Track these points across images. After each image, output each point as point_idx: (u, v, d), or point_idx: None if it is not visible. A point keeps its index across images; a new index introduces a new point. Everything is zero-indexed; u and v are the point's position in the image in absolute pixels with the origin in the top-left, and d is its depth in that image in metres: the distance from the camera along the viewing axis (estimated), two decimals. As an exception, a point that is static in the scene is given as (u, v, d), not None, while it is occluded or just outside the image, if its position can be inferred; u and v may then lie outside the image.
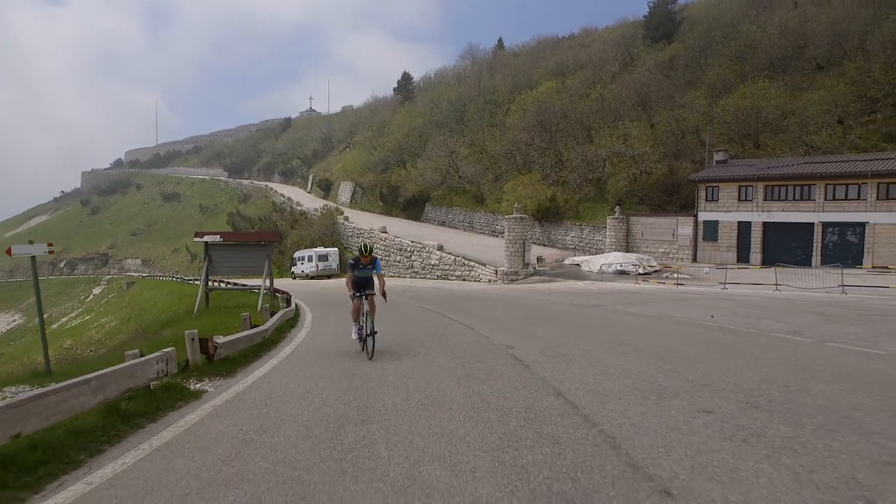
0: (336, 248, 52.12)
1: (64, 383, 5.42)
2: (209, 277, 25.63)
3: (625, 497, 3.91)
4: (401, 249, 47.15)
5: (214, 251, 22.89)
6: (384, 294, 10.85)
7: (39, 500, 4.16)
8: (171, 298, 51.31)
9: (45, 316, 13.75)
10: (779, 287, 24.08)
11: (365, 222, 55.81)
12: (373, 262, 10.78)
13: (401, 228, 52.02)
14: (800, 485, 4.05)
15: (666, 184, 43.90)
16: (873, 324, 12.88)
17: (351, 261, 10.94)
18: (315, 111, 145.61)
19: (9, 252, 10.54)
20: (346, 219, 57.67)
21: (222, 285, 35.85)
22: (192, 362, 8.44)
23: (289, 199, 78.24)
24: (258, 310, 20.11)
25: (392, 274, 46.35)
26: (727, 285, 25.84)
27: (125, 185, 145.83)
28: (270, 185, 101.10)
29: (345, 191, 76.39)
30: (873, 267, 30.99)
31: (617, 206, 42.22)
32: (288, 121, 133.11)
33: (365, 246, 10.84)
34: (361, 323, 10.64)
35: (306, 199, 78.87)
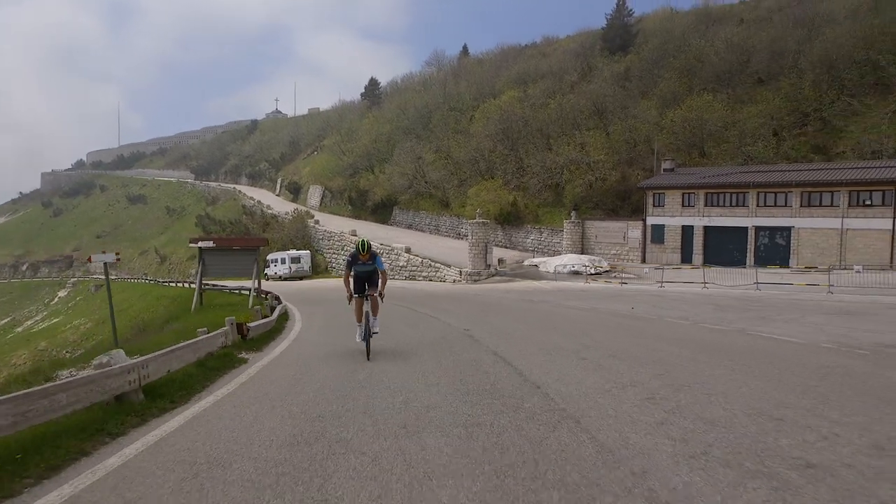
0: (308, 251, 55.10)
1: (182, 344, 8.62)
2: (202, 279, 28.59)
3: (515, 388, 7.21)
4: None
5: (208, 255, 25.89)
6: (382, 295, 10.51)
7: (196, 400, 7.42)
8: (148, 300, 53.66)
9: (7, 320, 16.77)
10: (707, 285, 27.95)
11: (335, 226, 58.92)
12: (373, 259, 10.48)
13: (370, 231, 55.22)
14: (607, 382, 7.46)
15: (619, 190, 47.84)
16: (746, 312, 16.60)
17: (348, 258, 10.65)
18: (281, 113, 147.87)
19: (89, 259, 13.59)
20: (317, 222, 60.70)
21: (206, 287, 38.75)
22: (232, 340, 11.62)
23: (258, 202, 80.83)
24: (249, 307, 23.28)
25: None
26: (664, 283, 29.69)
27: (89, 186, 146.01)
28: (238, 187, 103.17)
29: (314, 194, 79.31)
30: (803, 266, 35.09)
31: (573, 211, 46.00)
32: (255, 123, 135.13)
33: (363, 243, 10.44)
34: (365, 324, 10.29)
35: (275, 203, 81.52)
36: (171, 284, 57.18)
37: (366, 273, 10.54)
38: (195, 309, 24.47)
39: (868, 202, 34.60)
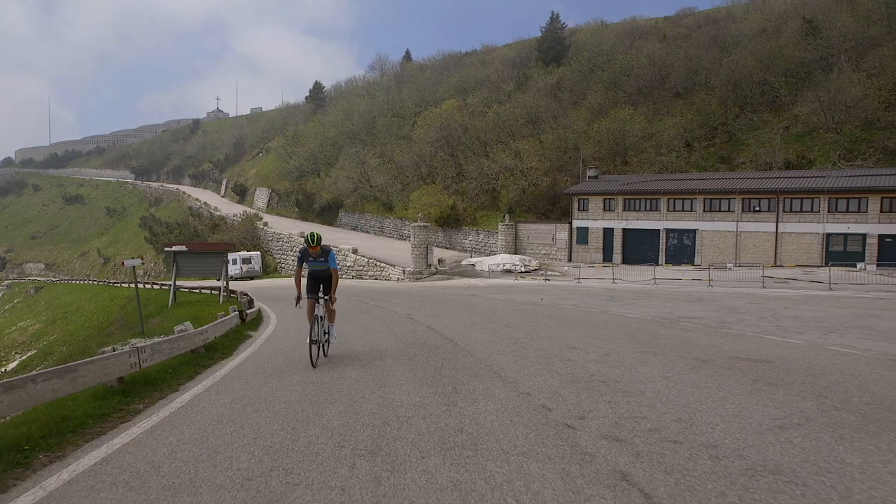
0: (258, 252, 58.91)
1: (217, 322, 13.07)
2: (169, 280, 32.49)
3: (438, 342, 11.87)
4: (319, 253, 54.57)
5: (181, 258, 29.83)
6: (333, 299, 10.12)
7: (236, 354, 11.92)
8: (102, 300, 56.34)
9: None
10: (615, 281, 33.36)
11: (284, 228, 62.87)
12: (325, 254, 9.89)
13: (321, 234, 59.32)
14: (494, 337, 12.23)
15: (549, 195, 53.27)
16: (626, 300, 21.83)
17: (299, 253, 9.96)
18: (223, 112, 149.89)
19: (122, 264, 17.66)
20: (266, 224, 64.51)
21: (163, 286, 42.49)
22: (236, 323, 16.04)
23: (205, 203, 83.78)
24: (220, 303, 27.51)
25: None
26: (581, 280, 35.02)
27: (20, 185, 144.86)
28: (182, 188, 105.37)
29: (261, 196, 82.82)
30: (705, 264, 40.87)
31: (507, 214, 51.18)
32: (197, 123, 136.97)
33: (312, 234, 9.80)
34: (317, 326, 9.79)
35: (222, 204, 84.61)
36: (123, 285, 59.91)
37: (320, 272, 10.04)
38: (171, 305, 28.44)
39: (757, 208, 40.74)
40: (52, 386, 6.16)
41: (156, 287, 42.56)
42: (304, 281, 10.15)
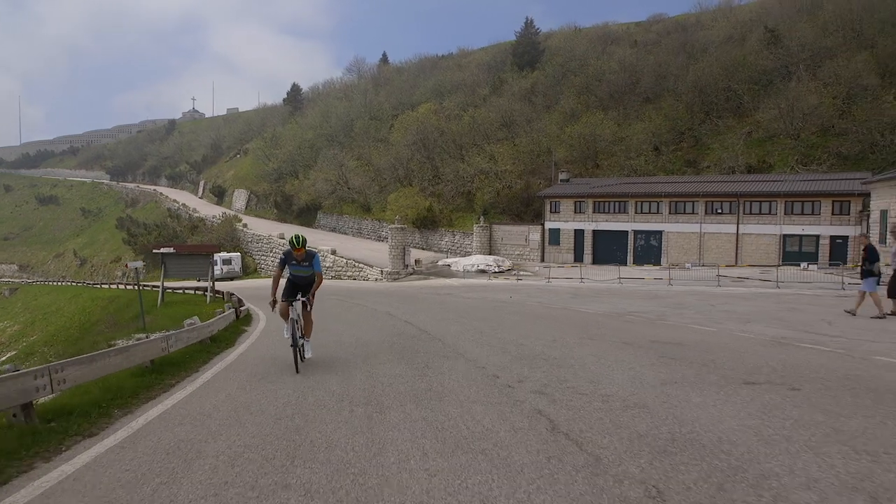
0: (238, 253, 60.45)
1: (215, 318, 14.92)
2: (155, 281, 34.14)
3: (414, 332, 13.85)
4: (298, 254, 56.34)
5: (168, 260, 31.50)
6: (311, 301, 9.58)
7: (237, 345, 13.80)
8: (83, 301, 57.45)
9: None
10: (583, 280, 35.55)
11: (263, 229, 64.48)
12: (310, 259, 9.40)
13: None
14: (463, 329, 14.23)
15: (523, 197, 55.46)
16: (587, 298, 23.98)
17: (282, 255, 9.55)
18: (199, 112, 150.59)
19: (126, 266, 19.39)
20: (245, 226, 66.06)
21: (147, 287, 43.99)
22: (233, 319, 17.88)
23: (183, 205, 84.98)
24: (207, 302, 29.25)
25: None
26: (551, 279, 37.18)
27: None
28: (159, 189, 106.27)
29: (239, 198, 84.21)
30: (670, 264, 43.28)
31: (482, 216, 53.28)
32: (172, 123, 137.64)
33: (297, 237, 9.29)
34: (292, 328, 9.30)
35: (200, 205, 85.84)
36: (104, 286, 61.04)
37: (302, 278, 9.52)
38: (161, 304, 30.12)
39: (720, 211, 43.23)
40: (115, 361, 8.07)
41: (145, 288, 43.83)
42: (282, 282, 9.79)
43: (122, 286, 55.78)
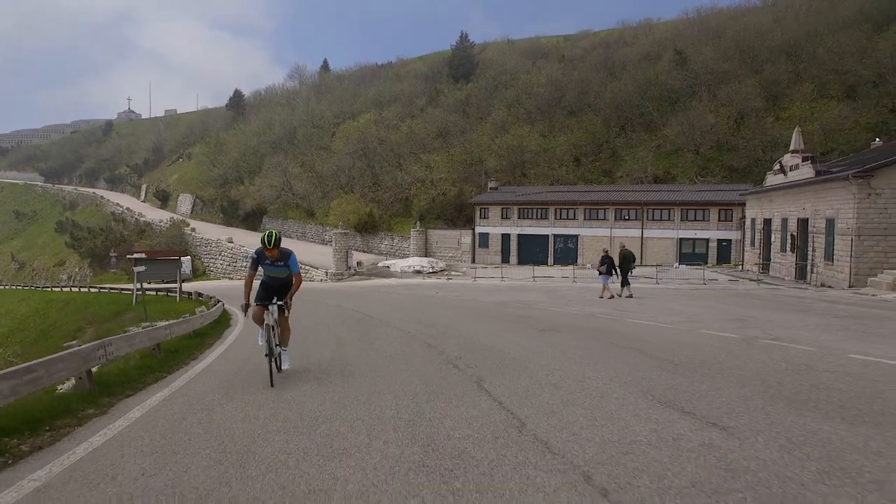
0: (188, 257, 64.97)
1: (209, 311, 20.46)
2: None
3: (360, 317, 19.75)
4: (247, 257, 61.34)
5: (139, 263, 36.56)
6: (289, 305, 9.08)
7: (227, 335, 19.46)
8: (34, 303, 60.92)
9: None
10: (503, 278, 41.95)
11: (212, 233, 69.11)
12: (285, 258, 8.70)
13: (244, 239, 65.99)
14: (398, 314, 20.19)
15: (456, 203, 61.73)
16: (497, 292, 30.29)
17: (254, 255, 8.80)
18: (135, 113, 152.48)
19: (133, 269, 24.72)
20: (193, 230, 70.55)
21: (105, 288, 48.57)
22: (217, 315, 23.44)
23: (127, 208, 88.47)
24: (177, 300, 34.56)
25: (240, 278, 60.61)
26: (476, 279, 43.49)
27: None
28: (98, 192, 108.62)
29: (184, 202, 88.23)
30: (584, 265, 50.13)
31: (419, 221, 59.30)
32: (109, 124, 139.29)
33: (270, 234, 8.53)
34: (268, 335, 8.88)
35: (144, 209, 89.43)
36: (56, 289, 64.53)
37: (277, 280, 9.05)
38: (135, 304, 35.22)
39: (627, 217, 50.38)
40: (143, 341, 13.51)
41: (113, 291, 48.25)
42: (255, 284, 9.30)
43: (76, 289, 59.68)
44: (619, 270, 25.06)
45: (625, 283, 25.01)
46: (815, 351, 9.87)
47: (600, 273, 24.97)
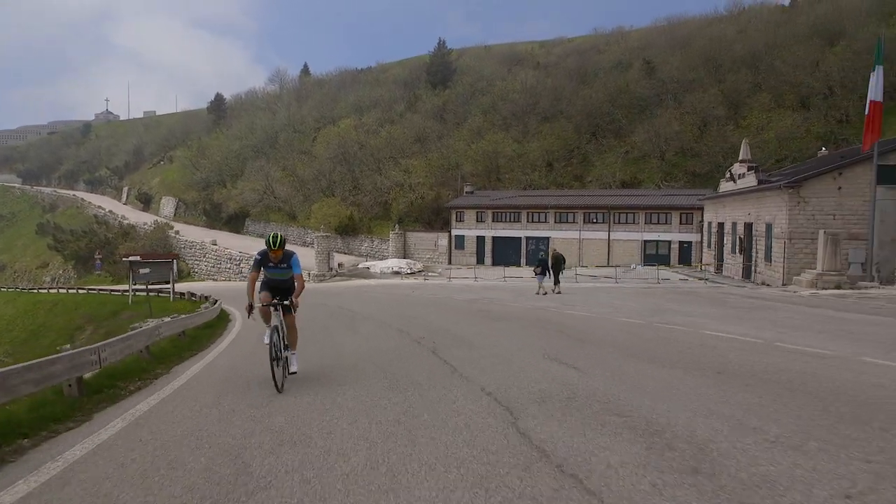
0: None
1: (211, 309, 23.56)
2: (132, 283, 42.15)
3: (344, 313, 22.97)
4: (230, 259, 64.37)
5: (135, 265, 39.48)
6: (296, 305, 8.96)
7: (231, 328, 22.60)
8: (21, 304, 63.31)
9: None
10: (477, 279, 45.30)
11: (195, 236, 71.88)
12: (287, 259, 8.80)
13: (227, 241, 68.92)
14: (376, 309, 23.44)
15: (434, 207, 65.03)
16: (467, 291, 33.60)
17: (257, 256, 8.87)
18: (114, 114, 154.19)
19: (138, 271, 27.67)
20: (177, 232, 73.27)
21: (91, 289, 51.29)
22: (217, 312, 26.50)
23: (110, 211, 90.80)
24: (171, 300, 37.55)
25: (224, 279, 63.54)
26: (451, 279, 46.81)
27: None
28: (79, 194, 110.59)
29: (167, 205, 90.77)
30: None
31: (397, 224, 62.54)
32: (88, 126, 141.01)
33: (275, 236, 8.61)
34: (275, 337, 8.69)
35: (126, 212, 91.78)
36: (43, 291, 66.86)
37: (280, 282, 9.08)
38: (131, 304, 38.17)
39: (595, 220, 53.94)
40: (160, 333, 16.80)
41: (103, 292, 50.87)
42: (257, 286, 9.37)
43: (63, 290, 62.12)
44: (551, 271, 29.39)
45: (556, 281, 29.80)
46: (686, 329, 13.33)
47: (536, 274, 29.57)
